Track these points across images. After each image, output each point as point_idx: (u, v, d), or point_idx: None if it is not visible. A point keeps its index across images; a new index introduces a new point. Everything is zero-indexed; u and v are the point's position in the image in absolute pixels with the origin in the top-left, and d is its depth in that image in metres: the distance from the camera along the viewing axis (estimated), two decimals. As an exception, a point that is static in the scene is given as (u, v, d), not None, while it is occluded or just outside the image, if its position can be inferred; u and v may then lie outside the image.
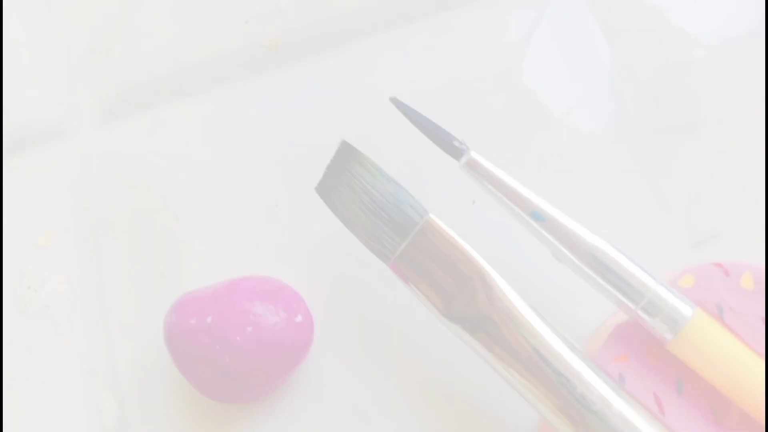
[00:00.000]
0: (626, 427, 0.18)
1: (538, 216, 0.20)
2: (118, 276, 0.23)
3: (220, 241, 0.23)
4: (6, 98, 0.25)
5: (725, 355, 0.19)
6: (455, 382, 0.22)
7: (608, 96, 0.24)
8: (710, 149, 0.24)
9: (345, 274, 0.23)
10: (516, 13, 0.25)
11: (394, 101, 0.21)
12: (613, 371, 0.20)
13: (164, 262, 0.23)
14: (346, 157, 0.21)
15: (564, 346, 0.19)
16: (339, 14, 0.25)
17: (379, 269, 0.20)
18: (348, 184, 0.20)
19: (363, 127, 0.22)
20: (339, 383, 0.22)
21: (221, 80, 0.25)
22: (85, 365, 0.23)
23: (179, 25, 0.25)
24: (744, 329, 0.20)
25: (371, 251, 0.21)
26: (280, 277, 0.22)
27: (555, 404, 0.19)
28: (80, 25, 0.26)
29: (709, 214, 0.23)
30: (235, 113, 0.24)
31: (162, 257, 0.23)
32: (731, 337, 0.20)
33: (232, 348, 0.20)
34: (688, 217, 0.23)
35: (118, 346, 0.23)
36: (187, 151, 0.24)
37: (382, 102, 0.21)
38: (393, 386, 0.22)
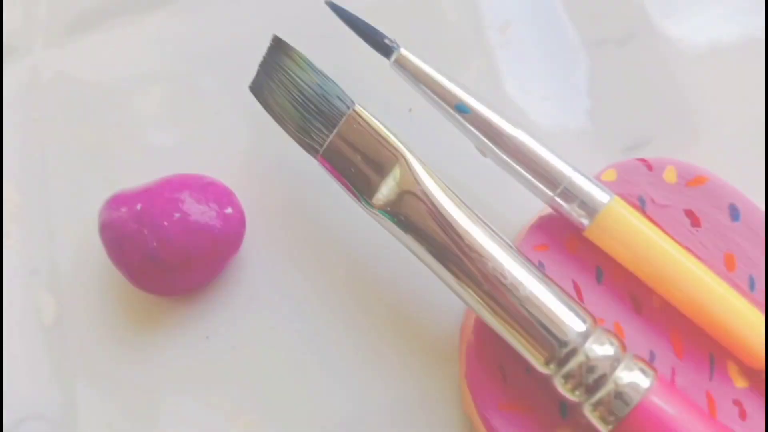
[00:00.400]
0: (537, 303, 0.18)
1: (462, 108, 0.21)
2: (63, 182, 0.24)
3: (159, 146, 0.24)
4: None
5: (643, 242, 0.20)
6: (383, 272, 0.22)
7: (545, 10, 0.24)
8: (643, 61, 0.24)
9: (278, 172, 0.23)
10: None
11: (329, 4, 0.22)
12: (533, 259, 0.20)
13: (108, 167, 0.24)
14: (278, 52, 0.21)
15: (482, 231, 0.19)
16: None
17: (311, 165, 0.21)
18: (279, 79, 0.21)
19: (302, 34, 0.22)
20: (272, 279, 0.22)
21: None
22: (26, 266, 0.23)
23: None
24: (666, 221, 0.21)
25: (301, 146, 0.21)
26: (215, 176, 0.22)
27: (474, 289, 0.19)
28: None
29: (641, 121, 0.23)
30: (177, 28, 0.25)
31: (105, 163, 0.24)
32: (650, 225, 0.20)
33: (159, 232, 0.20)
34: (620, 125, 0.23)
35: (58, 247, 0.23)
36: (131, 64, 0.25)
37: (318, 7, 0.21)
38: (324, 279, 0.22)
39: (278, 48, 0.21)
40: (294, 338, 0.22)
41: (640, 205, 0.21)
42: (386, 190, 0.20)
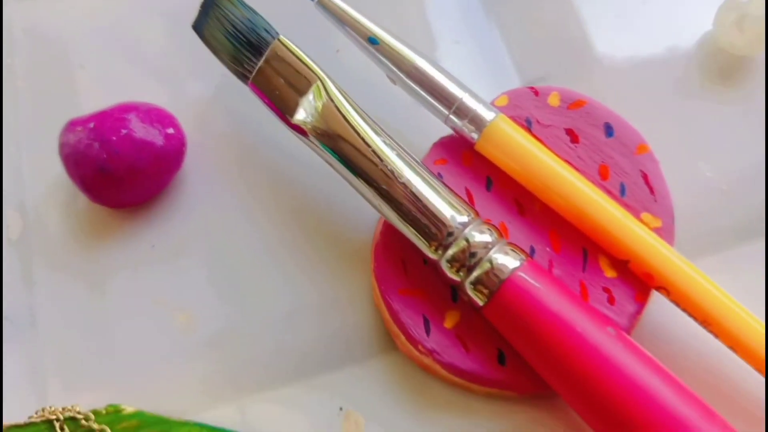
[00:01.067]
0: (427, 199, 0.21)
1: (373, 40, 0.24)
2: (31, 114, 0.27)
3: (117, 83, 0.27)
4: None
5: (526, 154, 0.23)
6: (307, 186, 0.25)
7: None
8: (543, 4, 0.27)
9: (215, 100, 0.26)
10: None
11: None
12: (434, 171, 0.23)
13: (70, 105, 0.27)
14: None
15: (384, 142, 0.22)
16: None
17: (244, 92, 0.24)
18: (215, 16, 0.24)
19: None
20: (210, 194, 0.25)
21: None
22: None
23: None
24: (549, 138, 0.24)
25: (235, 75, 0.24)
26: (161, 105, 0.25)
27: (377, 188, 0.22)
28: None
29: (540, 59, 0.27)
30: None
31: (68, 101, 0.27)
32: (532, 140, 0.23)
33: (108, 146, 0.23)
34: (521, 62, 0.27)
35: (24, 171, 0.26)
36: (93, 15, 0.28)
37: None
38: (255, 193, 0.25)
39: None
40: (228, 246, 0.25)
41: (527, 125, 0.24)
42: (305, 108, 0.23)
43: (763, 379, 0.21)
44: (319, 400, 0.23)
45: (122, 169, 0.24)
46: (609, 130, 0.23)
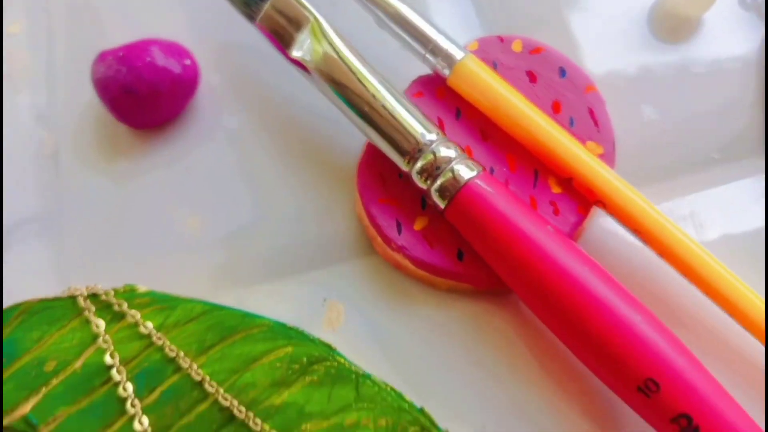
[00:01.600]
0: (403, 119, 0.25)
1: (363, -10, 0.28)
2: (65, 47, 0.31)
3: (141, 21, 0.31)
4: None
5: (490, 88, 0.27)
6: (304, 113, 0.29)
7: None
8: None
9: (227, 39, 0.30)
10: None
11: None
12: (410, 101, 0.27)
13: (101, 40, 0.31)
14: None
15: (369, 71, 0.26)
16: None
17: (251, 33, 0.28)
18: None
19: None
20: (219, 119, 0.29)
21: None
22: (31, 112, 0.30)
23: None
24: (511, 78, 0.28)
25: (245, 17, 0.28)
26: (180, 41, 0.30)
27: (361, 111, 0.26)
28: None
29: (509, 12, 0.31)
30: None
31: (98, 37, 0.31)
32: (496, 77, 0.27)
33: (134, 71, 0.27)
34: (492, 16, 0.31)
35: (59, 96, 0.30)
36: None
37: None
38: (258, 119, 0.29)
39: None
40: (234, 162, 0.29)
41: (494, 66, 0.28)
42: (302, 44, 0.27)
43: (687, 282, 0.25)
44: (308, 292, 0.27)
45: (144, 91, 0.28)
46: (562, 72, 0.27)
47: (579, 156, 0.26)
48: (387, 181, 0.26)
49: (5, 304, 0.26)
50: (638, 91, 0.29)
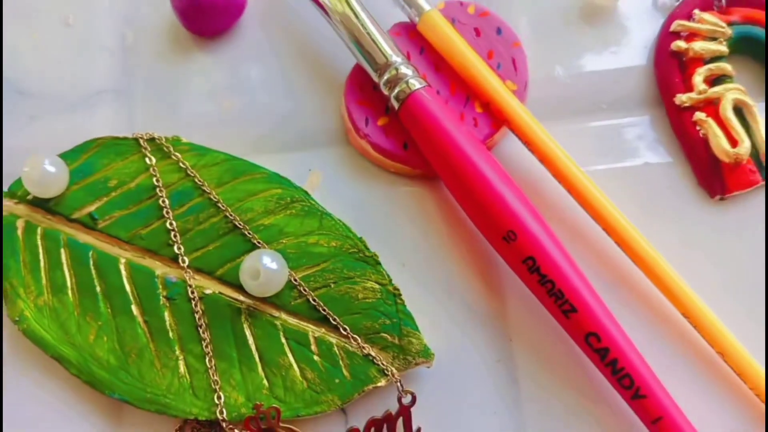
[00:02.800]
0: (380, 42, 0.37)
1: (368, -45, 0.39)
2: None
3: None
4: None
5: (446, 36, 0.38)
6: (317, 43, 0.41)
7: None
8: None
9: None
10: None
11: None
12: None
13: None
14: None
15: (366, 13, 0.38)
16: None
17: None
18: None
19: None
20: (257, 37, 0.41)
21: None
22: (121, 14, 0.42)
23: None
24: (463, 32, 0.39)
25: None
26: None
27: (351, 39, 0.37)
28: None
29: (473, -10, 0.42)
30: None
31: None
32: (452, 29, 0.38)
33: (199, -9, 0.39)
34: None
35: (143, 6, 0.42)
36: None
37: None
38: (285, 43, 0.41)
39: None
40: (260, 66, 0.40)
41: (452, 22, 0.39)
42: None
43: (566, 193, 0.36)
44: (299, 162, 0.38)
45: (206, 7, 0.39)
46: (499, 31, 0.39)
47: (497, 89, 0.37)
48: (364, 89, 0.38)
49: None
50: (555, 55, 0.40)
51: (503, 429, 0.33)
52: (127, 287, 0.34)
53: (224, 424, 0.32)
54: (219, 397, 0.32)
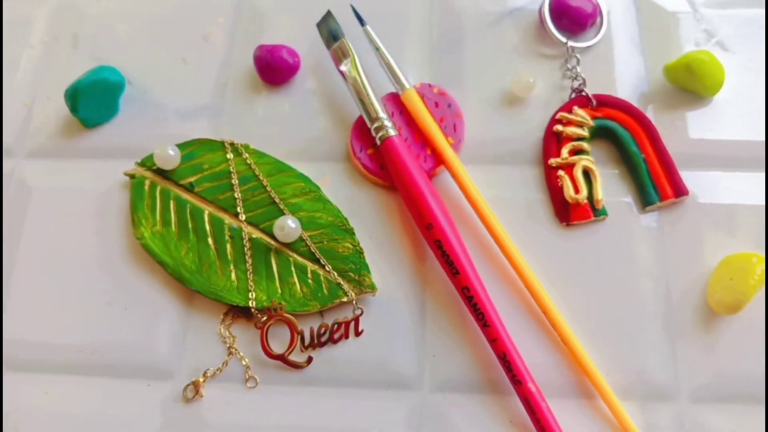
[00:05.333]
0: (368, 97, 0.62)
1: (361, 19, 0.65)
2: (242, 41, 0.69)
3: (276, 32, 0.69)
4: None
5: (416, 105, 0.63)
6: (338, 99, 0.66)
7: None
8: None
9: (316, 52, 0.68)
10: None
11: None
12: (383, 101, 0.64)
13: (259, 36, 0.69)
14: (326, 17, 0.66)
15: (367, 84, 0.63)
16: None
17: (326, 55, 0.65)
18: (325, 22, 0.65)
19: None
20: (305, 87, 0.66)
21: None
22: (218, 64, 0.68)
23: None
24: (428, 104, 0.64)
25: (326, 46, 0.65)
26: (292, 46, 0.67)
27: (363, 103, 0.62)
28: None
29: (440, 68, 0.67)
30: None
31: (258, 35, 0.69)
32: (420, 101, 0.63)
33: (275, 58, 0.65)
34: (433, 68, 0.67)
35: (235, 61, 0.68)
36: None
37: None
38: (319, 94, 0.66)
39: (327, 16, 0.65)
40: (306, 105, 0.66)
41: (422, 96, 0.64)
42: (346, 64, 0.63)
43: (474, 212, 0.60)
44: (317, 169, 0.62)
45: (275, 66, 0.64)
46: (449, 105, 0.63)
47: (441, 141, 0.61)
48: (363, 130, 0.62)
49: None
50: (482, 124, 0.64)
51: (414, 338, 0.57)
52: (207, 228, 0.60)
53: (253, 311, 0.57)
54: (252, 295, 0.57)
